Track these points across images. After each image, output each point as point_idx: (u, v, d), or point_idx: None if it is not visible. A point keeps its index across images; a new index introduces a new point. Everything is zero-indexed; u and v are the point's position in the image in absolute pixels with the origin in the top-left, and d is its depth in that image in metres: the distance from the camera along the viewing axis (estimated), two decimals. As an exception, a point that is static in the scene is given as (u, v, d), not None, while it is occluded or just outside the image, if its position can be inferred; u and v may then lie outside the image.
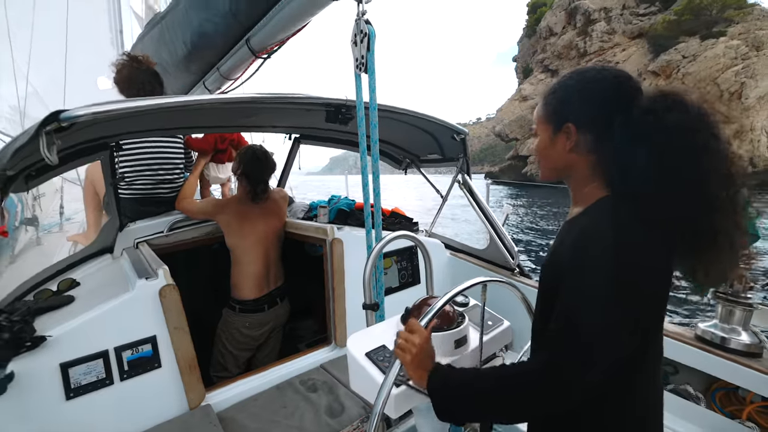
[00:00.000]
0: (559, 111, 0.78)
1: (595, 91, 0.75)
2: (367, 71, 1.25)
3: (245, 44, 1.83)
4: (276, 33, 1.72)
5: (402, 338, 0.85)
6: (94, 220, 2.42)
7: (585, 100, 0.76)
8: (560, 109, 0.78)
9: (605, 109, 0.73)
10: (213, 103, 1.48)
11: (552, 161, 0.82)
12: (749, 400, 1.39)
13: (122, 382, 1.33)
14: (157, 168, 2.21)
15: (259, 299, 2.02)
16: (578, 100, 0.76)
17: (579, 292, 0.67)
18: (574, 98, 0.77)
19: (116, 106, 1.19)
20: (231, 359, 2.03)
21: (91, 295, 1.48)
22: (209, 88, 2.33)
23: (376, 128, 1.31)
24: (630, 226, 0.67)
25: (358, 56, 1.25)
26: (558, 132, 0.78)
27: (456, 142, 2.16)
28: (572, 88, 0.78)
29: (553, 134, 0.79)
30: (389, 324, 1.15)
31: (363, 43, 1.22)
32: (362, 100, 1.32)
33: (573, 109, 0.77)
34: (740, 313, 1.42)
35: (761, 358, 1.36)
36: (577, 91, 0.77)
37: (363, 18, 1.21)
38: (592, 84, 0.76)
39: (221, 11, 1.72)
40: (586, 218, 0.75)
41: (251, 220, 2.01)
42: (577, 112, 0.76)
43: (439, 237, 2.50)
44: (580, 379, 0.65)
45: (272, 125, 2.25)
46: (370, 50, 1.22)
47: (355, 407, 1.44)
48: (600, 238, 0.67)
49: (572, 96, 0.77)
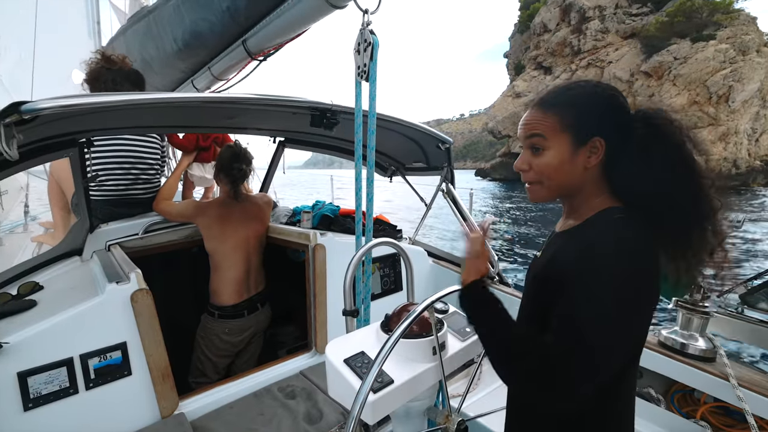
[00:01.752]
0: (585, 123, 0.73)
1: (616, 105, 0.74)
2: (368, 79, 1.27)
3: (241, 45, 1.81)
4: (275, 36, 1.71)
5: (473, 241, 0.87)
6: (61, 220, 2.31)
7: (610, 113, 0.73)
8: (586, 120, 0.73)
9: (624, 125, 0.73)
10: (192, 102, 1.44)
11: (566, 178, 0.76)
12: (703, 401, 1.49)
13: (88, 391, 1.27)
14: (129, 167, 2.12)
15: (239, 305, 1.98)
16: (604, 114, 0.73)
17: (597, 301, 0.65)
18: (600, 111, 0.74)
19: (86, 100, 1.14)
20: (210, 366, 1.99)
21: (56, 300, 1.41)
22: (197, 87, 2.27)
23: (374, 135, 1.31)
24: (643, 236, 0.68)
25: (360, 64, 1.26)
26: (581, 146, 0.73)
27: (441, 151, 2.20)
28: (598, 100, 0.74)
29: (575, 148, 0.73)
30: (368, 331, 1.16)
31: (366, 52, 1.24)
32: (361, 107, 1.32)
33: (601, 122, 0.73)
34: (698, 320, 1.52)
35: (714, 362, 1.45)
36: (600, 104, 0.74)
37: (368, 28, 1.23)
38: (610, 96, 0.75)
39: (218, 10, 1.68)
40: (594, 230, 0.73)
41: (233, 223, 1.98)
42: (605, 126, 0.72)
43: (422, 245, 2.53)
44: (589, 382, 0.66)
45: (256, 127, 2.22)
46: (373, 59, 1.23)
47: (333, 413, 1.44)
48: (619, 250, 0.66)
49: (597, 108, 0.74)
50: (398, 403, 0.94)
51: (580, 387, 0.65)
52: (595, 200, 0.76)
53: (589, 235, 0.72)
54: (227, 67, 2.02)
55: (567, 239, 0.78)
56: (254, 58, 1.88)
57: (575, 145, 0.73)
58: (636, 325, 0.69)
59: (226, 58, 1.97)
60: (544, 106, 0.77)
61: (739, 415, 1.34)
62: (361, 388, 0.82)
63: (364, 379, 0.83)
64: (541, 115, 0.76)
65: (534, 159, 0.77)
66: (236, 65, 1.99)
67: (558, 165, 0.75)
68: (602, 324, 0.65)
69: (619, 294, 0.64)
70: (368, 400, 0.83)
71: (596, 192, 0.76)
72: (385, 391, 0.91)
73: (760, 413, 1.28)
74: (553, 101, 0.76)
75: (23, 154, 1.25)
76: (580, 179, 0.75)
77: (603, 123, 0.73)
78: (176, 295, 2.22)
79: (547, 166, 0.75)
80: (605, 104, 0.74)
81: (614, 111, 0.74)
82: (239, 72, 2.09)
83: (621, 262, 0.65)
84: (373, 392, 0.86)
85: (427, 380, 1.02)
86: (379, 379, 0.93)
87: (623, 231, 0.69)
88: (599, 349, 0.64)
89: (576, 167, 0.74)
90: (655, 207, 0.69)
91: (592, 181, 0.75)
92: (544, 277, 0.79)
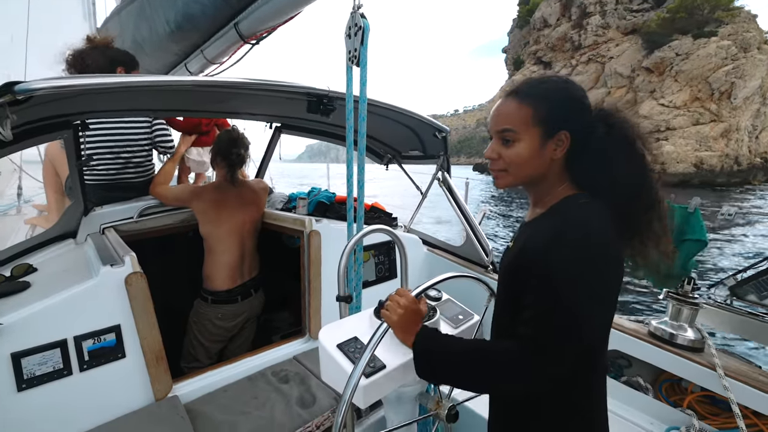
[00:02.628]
0: (555, 117, 0.78)
1: (583, 103, 0.80)
2: (359, 64, 1.25)
3: (233, 28, 1.78)
4: (268, 19, 1.68)
5: (390, 300, 0.89)
6: (56, 202, 2.29)
7: (577, 110, 0.79)
8: (556, 115, 0.78)
9: (588, 122, 0.79)
10: (187, 85, 1.42)
11: (533, 168, 0.80)
12: (690, 390, 1.52)
13: (82, 372, 1.28)
14: (119, 151, 2.09)
15: (233, 290, 1.98)
16: (572, 109, 0.79)
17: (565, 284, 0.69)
18: (569, 107, 0.79)
19: (80, 81, 1.13)
20: (202, 350, 2.00)
21: (49, 282, 1.40)
22: (191, 70, 2.24)
23: (365, 122, 1.31)
24: (604, 221, 0.73)
25: (351, 49, 1.25)
26: (549, 139, 0.78)
27: (437, 140, 2.19)
28: (565, 96, 0.80)
29: (543, 141, 0.78)
30: (362, 317, 1.17)
31: (357, 36, 1.22)
32: (352, 92, 1.31)
33: (569, 117, 0.78)
34: (687, 311, 1.54)
35: (703, 352, 1.48)
36: (570, 100, 0.80)
37: (358, 11, 1.21)
38: (579, 94, 0.80)
39: None
40: (559, 217, 0.77)
41: (228, 208, 1.97)
42: (572, 122, 0.78)
43: (417, 233, 2.54)
44: (557, 365, 0.69)
45: (251, 112, 2.20)
46: (364, 44, 1.22)
47: (326, 398, 1.46)
48: (581, 235, 0.71)
49: (567, 104, 0.79)
50: (390, 388, 0.95)
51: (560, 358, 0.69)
52: (559, 188, 0.82)
53: (555, 223, 0.76)
54: (220, 51, 1.99)
55: (535, 228, 0.83)
56: (247, 41, 1.85)
57: (544, 138, 0.78)
58: (606, 304, 0.74)
59: (218, 41, 1.94)
60: (518, 96, 0.80)
61: (724, 404, 1.37)
62: (353, 372, 0.83)
63: (357, 363, 0.84)
64: (515, 105, 0.80)
65: (504, 149, 0.81)
66: (229, 49, 1.96)
67: (527, 157, 0.79)
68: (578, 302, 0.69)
69: (588, 276, 0.69)
70: (360, 385, 0.84)
71: (559, 181, 0.82)
72: (377, 376, 0.92)
73: (745, 402, 1.31)
74: (527, 92, 0.80)
75: (17, 135, 1.23)
76: (545, 169, 0.81)
77: (570, 118, 0.78)
78: (171, 279, 2.22)
79: (517, 156, 0.80)
80: (573, 100, 0.80)
81: (581, 108, 0.80)
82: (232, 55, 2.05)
83: (589, 247, 0.70)
84: (365, 377, 0.87)
85: (419, 366, 1.03)
86: (372, 364, 0.93)
87: (589, 217, 0.74)
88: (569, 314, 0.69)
89: (543, 159, 0.79)
90: (610, 195, 0.76)
91: (555, 171, 0.81)
92: (515, 267, 0.82)
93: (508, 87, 0.87)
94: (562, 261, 0.70)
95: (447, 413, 1.04)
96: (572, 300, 0.68)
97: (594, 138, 0.78)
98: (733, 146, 33.61)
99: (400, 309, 0.86)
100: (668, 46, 35.78)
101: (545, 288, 0.71)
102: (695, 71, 34.06)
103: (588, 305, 0.69)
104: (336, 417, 0.81)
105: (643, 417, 1.54)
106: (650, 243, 0.78)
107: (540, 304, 0.71)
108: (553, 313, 0.69)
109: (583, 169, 0.79)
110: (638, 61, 38.30)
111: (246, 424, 1.32)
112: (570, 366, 0.70)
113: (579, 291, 0.69)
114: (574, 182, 0.81)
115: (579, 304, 0.69)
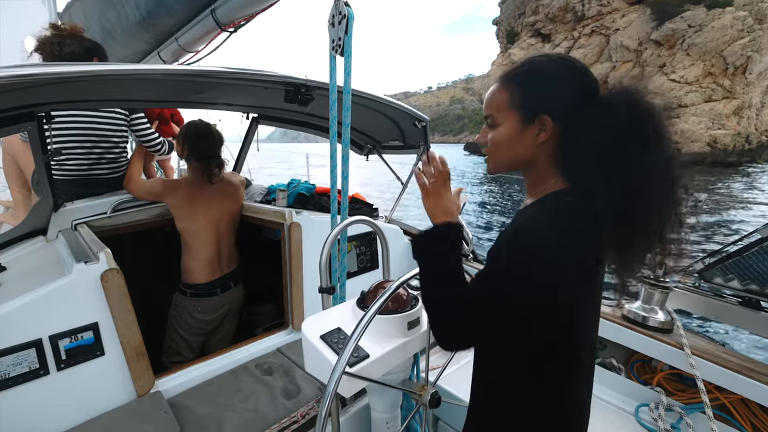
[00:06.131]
0: (534, 101, 0.73)
1: (570, 82, 0.72)
2: (343, 54, 1.22)
3: (210, 15, 1.71)
4: (246, 5, 1.62)
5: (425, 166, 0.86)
6: (22, 198, 2.19)
7: (562, 92, 0.72)
8: (535, 99, 0.73)
9: (577, 102, 0.71)
10: (158, 75, 1.36)
11: (514, 153, 0.78)
12: (659, 369, 1.60)
13: (60, 372, 1.25)
14: (92, 146, 2.00)
15: (212, 283, 1.96)
16: (555, 91, 0.72)
17: (493, 263, 0.71)
18: (551, 89, 0.73)
19: (43, 69, 1.06)
20: (184, 344, 1.98)
21: (20, 281, 1.36)
22: (164, 59, 2.15)
23: (349, 112, 1.29)
24: (574, 219, 0.68)
25: (335, 38, 1.22)
26: (530, 123, 0.74)
27: (417, 129, 2.19)
28: (547, 77, 0.73)
29: (523, 125, 0.74)
30: (344, 308, 1.17)
31: (341, 25, 1.19)
32: (336, 82, 1.28)
33: (550, 100, 0.72)
34: (659, 294, 1.62)
35: (672, 333, 1.56)
36: (552, 81, 0.73)
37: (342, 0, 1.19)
38: (566, 75, 0.73)
39: None
40: (535, 206, 0.75)
41: (204, 203, 1.92)
42: (554, 103, 0.72)
43: (398, 223, 2.55)
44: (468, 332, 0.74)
45: (227, 103, 2.14)
46: (348, 33, 1.19)
47: (310, 388, 1.47)
48: (535, 226, 0.69)
49: (548, 86, 0.73)
50: (374, 376, 0.97)
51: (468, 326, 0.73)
52: (550, 180, 0.76)
53: (528, 211, 0.76)
54: (195, 39, 1.92)
55: (518, 216, 0.79)
56: (224, 29, 1.78)
57: (524, 122, 0.75)
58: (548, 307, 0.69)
59: (194, 28, 1.86)
60: (499, 81, 0.79)
61: (690, 381, 1.45)
62: (338, 362, 0.84)
63: (341, 354, 0.85)
64: (496, 90, 0.79)
65: (489, 134, 0.81)
66: (205, 36, 1.89)
67: (506, 141, 0.77)
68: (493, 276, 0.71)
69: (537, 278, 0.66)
70: (344, 375, 0.85)
71: (547, 171, 0.77)
72: (361, 366, 0.93)
73: (709, 378, 1.39)
74: (508, 77, 0.78)
75: None
76: (531, 155, 0.77)
77: (549, 100, 0.73)
78: (148, 274, 2.17)
79: (497, 140, 0.79)
80: (554, 81, 0.73)
81: (566, 88, 0.72)
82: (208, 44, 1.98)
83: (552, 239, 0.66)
84: (349, 367, 0.88)
85: (401, 354, 1.05)
86: (355, 354, 0.95)
87: (563, 214, 0.69)
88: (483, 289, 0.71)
89: (525, 144, 0.76)
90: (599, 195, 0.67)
91: (544, 158, 0.76)
92: (490, 250, 0.79)
93: (505, 61, 0.82)
94: (515, 255, 0.68)
95: (430, 399, 1.07)
96: (505, 289, 0.68)
97: (586, 123, 0.69)
98: (744, 124, 31.67)
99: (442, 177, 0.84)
100: (680, 17, 33.09)
101: (495, 263, 0.72)
102: (709, 44, 31.55)
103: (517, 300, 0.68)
104: (321, 407, 0.82)
105: (615, 396, 1.61)
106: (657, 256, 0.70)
107: (485, 269, 0.74)
108: (484, 288, 0.72)
109: (569, 161, 0.72)
110: (646, 33, 35.59)
111: (231, 417, 1.32)
112: (471, 337, 0.75)
113: (516, 286, 0.67)
114: (562, 175, 0.74)
115: (508, 294, 0.68)
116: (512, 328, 0.72)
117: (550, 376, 0.77)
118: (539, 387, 0.77)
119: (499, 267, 0.71)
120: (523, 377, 0.78)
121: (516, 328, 0.72)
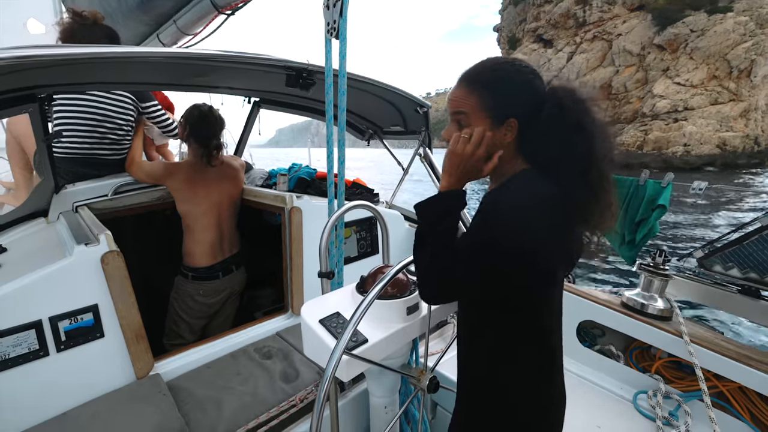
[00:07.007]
0: (501, 105, 0.80)
1: (531, 87, 0.80)
2: (338, 37, 1.20)
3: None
4: None
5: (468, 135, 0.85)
6: (24, 179, 2.18)
7: (525, 96, 0.80)
8: (502, 103, 0.80)
9: (536, 104, 0.79)
10: (159, 57, 1.34)
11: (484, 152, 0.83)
12: (658, 356, 1.60)
13: (59, 353, 1.25)
14: (95, 125, 2.00)
15: (213, 266, 1.96)
16: (519, 96, 0.80)
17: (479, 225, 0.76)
18: (516, 94, 0.80)
19: (43, 51, 1.05)
20: (185, 327, 1.99)
21: (21, 262, 1.36)
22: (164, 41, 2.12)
23: (344, 96, 1.27)
24: (544, 194, 0.75)
25: (330, 21, 1.20)
26: (499, 126, 0.80)
27: (419, 115, 2.16)
28: (513, 83, 0.80)
29: (492, 127, 0.81)
30: (343, 292, 1.17)
31: (336, 8, 1.17)
32: (331, 66, 1.27)
33: (516, 104, 0.80)
34: (658, 282, 1.61)
35: (671, 321, 1.56)
36: (517, 87, 0.80)
37: None
38: (528, 80, 0.81)
39: None
40: (505, 186, 0.82)
41: (205, 185, 1.91)
42: (519, 107, 0.80)
43: (399, 209, 2.53)
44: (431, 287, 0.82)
45: (228, 86, 2.11)
46: (343, 16, 1.17)
47: (309, 372, 1.47)
48: (516, 188, 0.77)
49: (514, 91, 0.80)
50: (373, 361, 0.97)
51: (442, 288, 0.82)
52: (511, 167, 0.84)
53: (498, 191, 0.82)
54: (193, 21, 1.90)
55: (486, 195, 0.84)
56: (221, 11, 1.75)
57: (493, 125, 0.80)
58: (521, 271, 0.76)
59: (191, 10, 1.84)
60: (466, 83, 0.83)
61: (689, 369, 1.45)
62: (336, 347, 0.84)
63: (339, 338, 0.85)
64: (464, 93, 0.83)
65: (457, 132, 0.84)
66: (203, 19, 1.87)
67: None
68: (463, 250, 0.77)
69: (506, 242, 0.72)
70: (343, 359, 0.85)
71: (512, 161, 0.84)
72: (360, 350, 0.93)
73: (708, 366, 1.40)
74: (475, 80, 0.82)
75: None
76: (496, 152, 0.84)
77: (517, 105, 0.80)
78: (150, 256, 2.18)
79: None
80: (520, 87, 0.81)
81: (528, 92, 0.81)
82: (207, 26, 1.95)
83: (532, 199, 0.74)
84: (348, 351, 0.88)
85: (400, 339, 1.05)
86: (354, 338, 0.95)
87: (534, 186, 0.77)
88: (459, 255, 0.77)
89: (494, 144, 0.82)
90: (557, 173, 0.77)
91: (509, 152, 0.83)
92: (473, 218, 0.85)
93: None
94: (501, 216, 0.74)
95: (428, 384, 1.07)
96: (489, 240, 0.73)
97: (541, 118, 0.79)
98: (752, 126, 32.57)
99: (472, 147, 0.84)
100: (682, 22, 34.19)
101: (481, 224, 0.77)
102: (712, 48, 32.48)
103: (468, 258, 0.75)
104: (319, 391, 0.82)
105: (614, 383, 1.62)
106: (605, 215, 0.80)
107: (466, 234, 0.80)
108: (473, 238, 0.77)
109: (531, 149, 0.81)
110: (649, 38, 36.66)
111: (229, 400, 1.33)
112: (440, 296, 0.84)
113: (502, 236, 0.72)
114: (526, 160, 0.83)
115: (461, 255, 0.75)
116: (492, 283, 0.78)
117: (526, 361, 0.84)
118: (517, 373, 0.85)
119: (486, 224, 0.76)
120: (504, 364, 0.85)
121: (495, 282, 0.77)
